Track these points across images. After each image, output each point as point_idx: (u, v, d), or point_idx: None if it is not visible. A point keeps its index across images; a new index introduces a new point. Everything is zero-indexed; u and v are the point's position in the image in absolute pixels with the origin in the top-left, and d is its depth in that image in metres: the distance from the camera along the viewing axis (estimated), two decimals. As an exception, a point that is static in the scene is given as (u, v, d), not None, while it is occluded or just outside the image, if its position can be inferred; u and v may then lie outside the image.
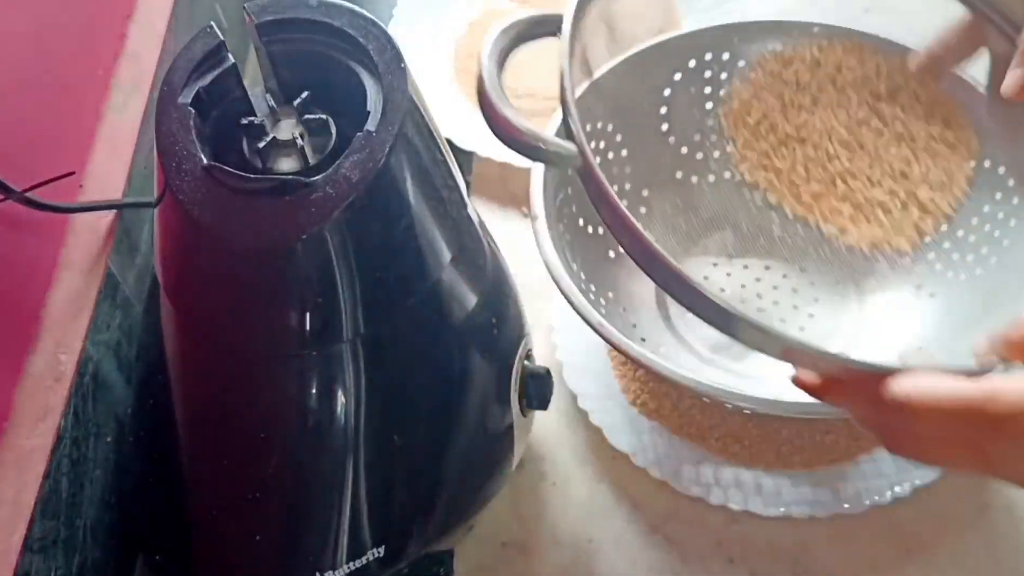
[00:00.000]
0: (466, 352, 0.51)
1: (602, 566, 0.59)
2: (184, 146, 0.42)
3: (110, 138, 0.58)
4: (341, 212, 0.41)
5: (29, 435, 0.47)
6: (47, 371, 0.49)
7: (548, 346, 0.65)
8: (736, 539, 0.59)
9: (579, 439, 0.63)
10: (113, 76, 0.61)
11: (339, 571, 0.49)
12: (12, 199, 0.47)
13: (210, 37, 0.45)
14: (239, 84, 0.46)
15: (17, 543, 0.44)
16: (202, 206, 0.42)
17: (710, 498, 0.59)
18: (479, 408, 0.52)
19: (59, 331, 0.51)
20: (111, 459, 0.53)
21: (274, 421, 0.47)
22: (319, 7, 0.46)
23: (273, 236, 0.41)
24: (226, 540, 0.51)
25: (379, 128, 0.42)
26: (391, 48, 0.45)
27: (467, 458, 0.52)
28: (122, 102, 0.60)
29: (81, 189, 0.55)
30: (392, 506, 0.50)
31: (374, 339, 0.45)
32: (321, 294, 0.43)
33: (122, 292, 0.56)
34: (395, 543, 0.50)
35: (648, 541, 0.59)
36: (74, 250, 0.53)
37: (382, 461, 0.49)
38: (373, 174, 0.41)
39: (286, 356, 0.45)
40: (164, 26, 0.64)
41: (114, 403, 0.54)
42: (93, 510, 0.51)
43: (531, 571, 0.59)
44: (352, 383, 0.46)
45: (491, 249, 0.54)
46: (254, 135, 0.44)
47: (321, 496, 0.48)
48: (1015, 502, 0.59)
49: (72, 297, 0.52)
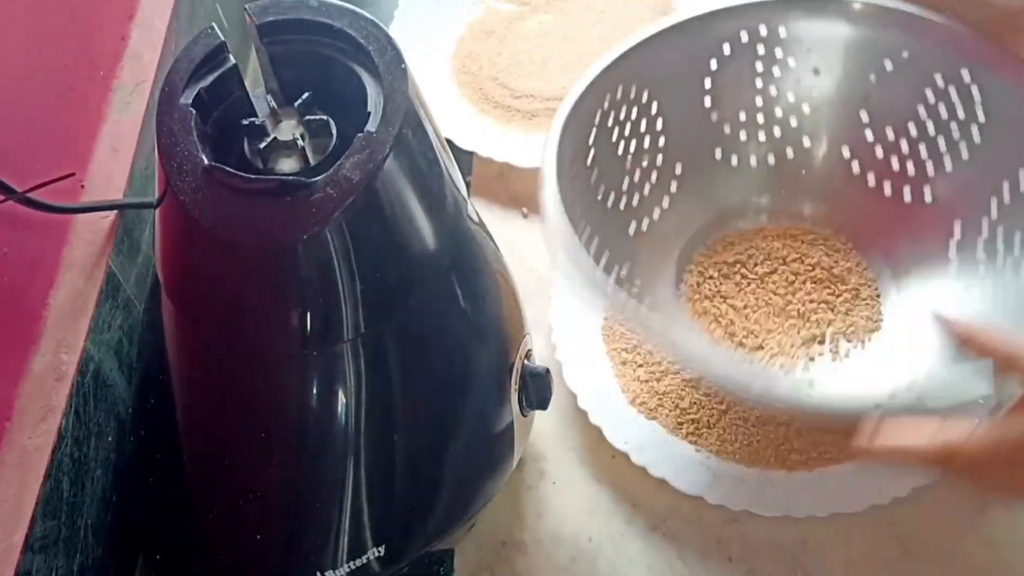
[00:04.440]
0: (466, 352, 0.51)
1: (602, 565, 0.59)
2: (185, 147, 0.43)
3: (111, 139, 0.58)
4: (342, 213, 0.41)
5: (30, 435, 0.47)
6: (48, 371, 0.49)
7: (548, 346, 0.65)
8: (735, 538, 0.59)
9: (579, 439, 0.63)
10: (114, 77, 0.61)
11: (340, 570, 0.49)
12: (14, 200, 0.47)
13: (211, 38, 0.45)
14: (240, 85, 0.46)
15: (18, 542, 0.44)
16: (203, 206, 0.42)
17: (709, 497, 0.59)
18: (479, 408, 0.52)
19: (60, 331, 0.51)
20: (112, 459, 0.53)
21: (275, 421, 0.47)
22: (320, 8, 0.46)
23: (274, 236, 0.41)
24: (227, 539, 0.51)
25: (379, 129, 0.42)
26: (392, 49, 0.45)
27: (467, 458, 0.53)
28: (123, 103, 0.60)
29: (82, 189, 0.55)
30: (392, 505, 0.50)
31: (374, 339, 0.45)
32: (322, 294, 0.43)
33: (123, 292, 0.56)
34: (395, 542, 0.50)
35: (647, 540, 0.59)
36: (75, 250, 0.54)
37: (382, 460, 0.49)
38: (373, 175, 0.41)
39: (287, 356, 0.45)
40: (165, 27, 0.65)
41: (115, 403, 0.54)
42: (94, 510, 0.51)
43: (531, 570, 0.59)
44: (352, 383, 0.46)
45: (491, 249, 0.54)
46: (255, 136, 0.44)
47: (321, 495, 0.48)
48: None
49: (73, 297, 0.52)
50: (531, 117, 0.79)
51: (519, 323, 0.56)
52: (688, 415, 0.62)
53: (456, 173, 0.49)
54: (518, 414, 0.55)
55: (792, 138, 0.67)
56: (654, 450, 0.61)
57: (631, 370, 0.64)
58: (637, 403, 0.63)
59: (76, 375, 0.50)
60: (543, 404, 0.56)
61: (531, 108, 0.79)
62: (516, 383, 0.54)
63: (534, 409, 0.56)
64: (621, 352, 0.65)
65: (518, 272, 0.57)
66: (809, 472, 0.60)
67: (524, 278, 0.57)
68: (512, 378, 0.53)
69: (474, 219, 0.52)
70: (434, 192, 0.46)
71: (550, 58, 0.82)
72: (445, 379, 0.50)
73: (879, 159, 0.64)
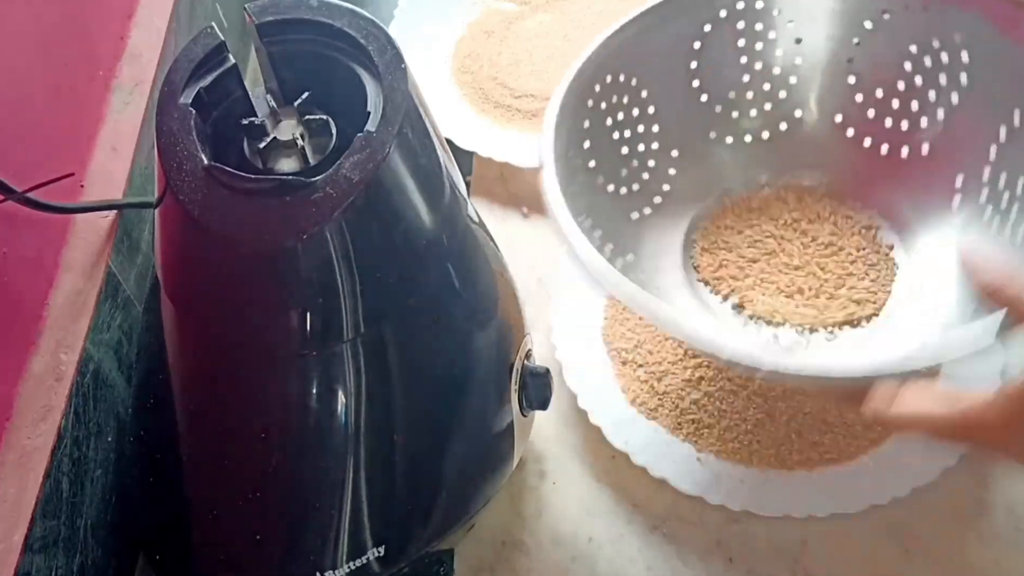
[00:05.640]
0: (466, 352, 0.51)
1: (602, 565, 0.59)
2: (185, 146, 0.43)
3: (111, 138, 0.58)
4: (341, 212, 0.41)
5: (30, 435, 0.47)
6: (48, 371, 0.49)
7: (548, 346, 0.65)
8: (735, 538, 0.59)
9: (579, 439, 0.63)
10: (114, 77, 0.61)
11: (340, 570, 0.49)
12: (13, 199, 0.47)
13: (211, 38, 0.45)
14: (240, 84, 0.46)
15: (18, 543, 0.44)
16: (203, 206, 0.42)
17: (709, 497, 0.59)
18: (479, 408, 0.52)
19: (60, 331, 0.51)
20: (112, 459, 0.53)
21: (274, 421, 0.47)
22: (320, 8, 0.46)
23: (274, 236, 0.41)
24: (226, 540, 0.51)
25: (379, 129, 0.42)
26: (391, 49, 0.45)
27: (467, 457, 0.53)
28: (123, 102, 0.60)
29: (82, 189, 0.55)
30: (392, 505, 0.50)
31: (374, 339, 0.45)
32: (321, 294, 0.43)
33: (123, 292, 0.56)
34: (395, 542, 0.50)
35: (648, 540, 0.59)
36: (75, 250, 0.54)
37: (382, 461, 0.49)
38: (373, 174, 0.41)
39: (286, 356, 0.45)
40: (165, 27, 0.65)
41: (115, 403, 0.54)
42: (94, 510, 0.51)
43: (531, 571, 0.59)
44: (352, 383, 0.46)
45: (491, 249, 0.54)
46: (255, 135, 0.44)
47: (321, 496, 0.48)
48: (1015, 502, 0.59)
49: (73, 297, 0.52)
50: (531, 117, 0.79)
51: (519, 323, 0.56)
52: (688, 415, 0.62)
53: (456, 173, 0.49)
54: (518, 414, 0.54)
55: (784, 111, 0.67)
56: (654, 450, 0.61)
57: (631, 370, 0.64)
58: (637, 403, 0.63)
59: (76, 375, 0.50)
60: (543, 404, 0.56)
61: (531, 108, 0.79)
62: (516, 383, 0.54)
63: (534, 409, 0.56)
64: (621, 352, 0.65)
65: (518, 272, 0.57)
66: (809, 472, 0.60)
67: (524, 278, 0.57)
68: (512, 378, 0.53)
69: (474, 219, 0.52)
70: (434, 192, 0.46)
71: (550, 58, 0.82)
72: (445, 379, 0.50)
73: (872, 120, 0.64)
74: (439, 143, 0.47)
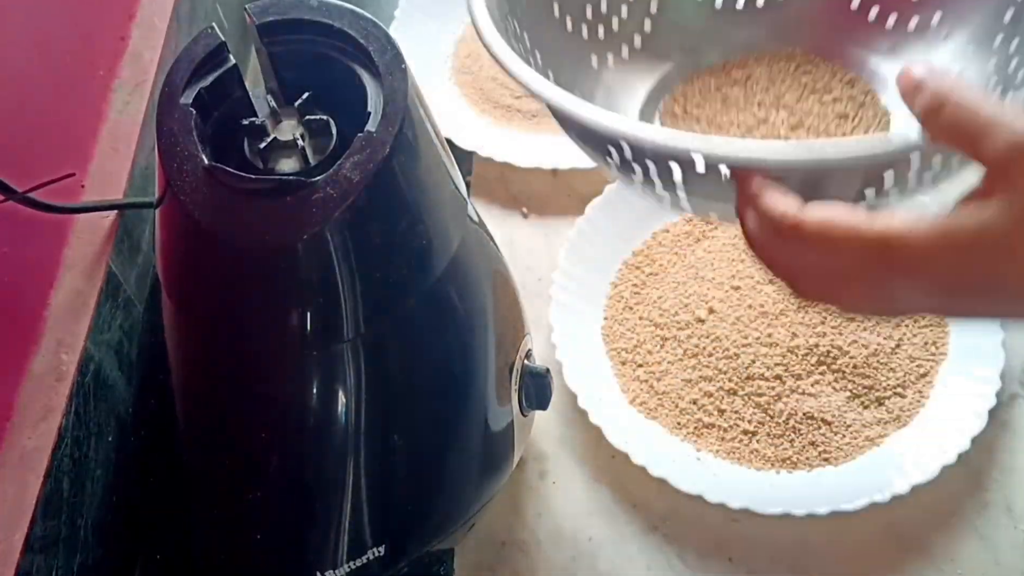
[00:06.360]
0: (466, 352, 0.51)
1: (602, 565, 0.59)
2: (185, 146, 0.43)
3: (111, 138, 0.58)
4: (342, 212, 0.41)
5: (31, 435, 0.48)
6: (49, 371, 0.49)
7: (548, 346, 0.65)
8: (735, 538, 0.59)
9: (579, 439, 0.63)
10: (114, 77, 0.61)
11: (340, 570, 0.49)
12: (14, 200, 0.47)
13: (211, 38, 0.45)
14: (240, 85, 0.46)
15: (19, 542, 0.44)
16: (203, 206, 0.42)
17: (709, 497, 0.59)
18: (479, 408, 0.52)
19: (61, 331, 0.51)
20: (112, 459, 0.54)
21: (275, 420, 0.47)
22: (320, 8, 0.46)
23: (274, 236, 0.41)
24: (227, 540, 0.51)
25: (380, 129, 0.43)
26: (392, 49, 0.45)
27: (467, 457, 0.53)
28: (123, 103, 0.60)
29: (83, 189, 0.55)
30: (392, 505, 0.50)
31: (374, 339, 0.46)
32: (321, 294, 0.43)
33: (123, 292, 0.56)
34: (395, 542, 0.50)
35: (647, 540, 0.59)
36: (76, 250, 0.54)
37: (382, 460, 0.49)
38: (373, 175, 0.42)
39: (287, 356, 0.45)
40: (165, 27, 0.65)
41: (115, 403, 0.54)
42: (94, 509, 0.51)
43: (531, 570, 0.59)
44: (352, 383, 0.46)
45: (491, 249, 0.54)
46: (255, 136, 0.44)
47: (322, 495, 0.48)
48: (1015, 502, 0.59)
49: (73, 297, 0.52)
50: (531, 117, 0.79)
51: (519, 323, 0.56)
52: (688, 415, 0.62)
53: (456, 173, 0.49)
54: (518, 414, 0.55)
55: None
56: (654, 450, 0.61)
57: (631, 370, 0.64)
58: (637, 403, 0.63)
59: (76, 375, 0.50)
60: (543, 404, 0.56)
61: (531, 108, 0.79)
62: (516, 383, 0.54)
63: (534, 409, 0.56)
64: (621, 352, 0.65)
65: (518, 272, 0.57)
66: (809, 472, 0.60)
67: (524, 278, 0.57)
68: (512, 378, 0.53)
69: (474, 219, 0.52)
70: (434, 192, 0.46)
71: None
72: (445, 379, 0.50)
73: None
74: (439, 143, 0.47)
